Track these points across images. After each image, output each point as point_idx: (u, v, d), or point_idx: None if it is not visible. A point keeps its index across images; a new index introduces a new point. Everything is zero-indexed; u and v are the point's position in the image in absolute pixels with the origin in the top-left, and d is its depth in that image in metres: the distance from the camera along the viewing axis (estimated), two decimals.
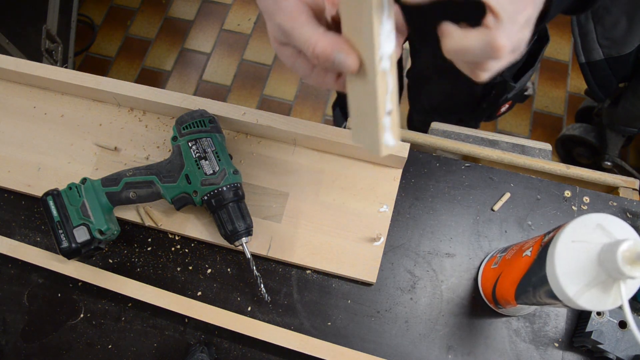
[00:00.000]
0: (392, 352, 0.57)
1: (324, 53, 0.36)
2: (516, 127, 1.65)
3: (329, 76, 0.40)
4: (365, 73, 0.36)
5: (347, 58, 0.36)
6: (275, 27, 0.38)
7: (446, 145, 0.68)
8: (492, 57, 0.34)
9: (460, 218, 0.62)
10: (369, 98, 0.37)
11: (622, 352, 0.52)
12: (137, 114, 0.68)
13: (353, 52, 0.36)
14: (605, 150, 1.36)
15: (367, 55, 0.35)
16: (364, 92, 0.37)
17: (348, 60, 0.36)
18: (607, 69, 1.06)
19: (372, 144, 0.38)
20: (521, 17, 0.34)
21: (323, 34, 0.36)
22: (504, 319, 0.58)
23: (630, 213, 0.62)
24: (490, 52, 0.34)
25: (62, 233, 0.55)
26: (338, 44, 0.36)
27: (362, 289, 0.60)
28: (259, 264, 0.61)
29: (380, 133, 0.37)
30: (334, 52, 0.36)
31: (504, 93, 0.84)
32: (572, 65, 1.71)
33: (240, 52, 1.80)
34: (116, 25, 1.89)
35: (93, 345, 0.60)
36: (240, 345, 0.59)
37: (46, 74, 0.67)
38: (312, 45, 0.36)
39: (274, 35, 0.40)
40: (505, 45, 0.33)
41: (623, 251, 0.35)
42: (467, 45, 0.35)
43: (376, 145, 0.37)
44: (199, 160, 0.57)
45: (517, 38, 0.35)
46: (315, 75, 0.40)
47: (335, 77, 0.40)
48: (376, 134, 0.37)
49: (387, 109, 0.37)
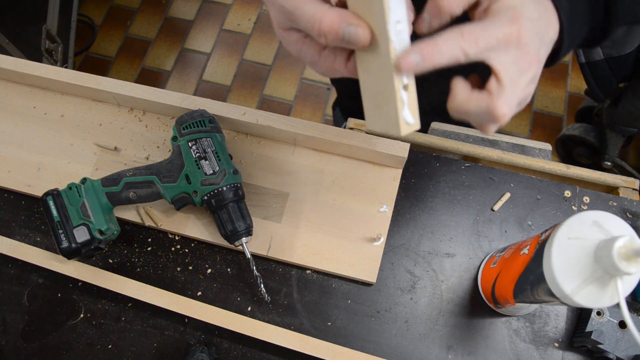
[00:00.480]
0: (392, 352, 0.57)
1: (331, 28, 0.33)
2: (516, 127, 1.65)
3: (339, 59, 0.38)
4: (378, 45, 0.34)
5: (357, 30, 0.33)
6: (278, 12, 0.36)
7: (446, 145, 0.68)
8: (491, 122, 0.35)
9: (460, 218, 0.62)
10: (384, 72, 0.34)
11: (622, 352, 0.52)
12: (137, 114, 0.68)
13: (364, 24, 0.33)
14: (605, 150, 1.36)
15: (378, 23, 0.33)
16: (377, 67, 0.35)
17: (359, 32, 0.33)
18: (607, 69, 1.06)
19: (391, 124, 0.35)
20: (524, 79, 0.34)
21: (329, 9, 0.34)
22: (504, 319, 0.58)
23: (630, 213, 0.62)
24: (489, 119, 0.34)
25: (62, 233, 0.55)
26: (346, 17, 0.33)
27: (362, 289, 0.60)
28: (259, 264, 0.61)
29: (399, 110, 0.34)
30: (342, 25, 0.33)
31: None
32: (572, 65, 1.71)
33: (240, 52, 1.80)
34: (116, 25, 1.89)
35: (93, 345, 0.60)
36: (240, 345, 0.59)
37: (46, 74, 0.67)
38: (318, 22, 0.33)
39: (277, 21, 0.38)
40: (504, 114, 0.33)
41: (619, 247, 0.35)
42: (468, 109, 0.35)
43: (395, 124, 0.35)
44: (199, 160, 0.57)
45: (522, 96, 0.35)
46: (323, 59, 0.38)
47: (345, 60, 0.38)
48: (395, 112, 0.34)
49: (404, 82, 0.34)
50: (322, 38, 0.34)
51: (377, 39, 0.34)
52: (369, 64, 0.36)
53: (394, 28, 0.33)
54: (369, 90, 0.37)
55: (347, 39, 0.34)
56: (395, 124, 0.35)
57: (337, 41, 0.34)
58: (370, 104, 0.38)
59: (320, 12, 0.33)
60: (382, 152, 0.60)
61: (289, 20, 0.36)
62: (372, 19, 0.33)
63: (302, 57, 0.39)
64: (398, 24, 0.33)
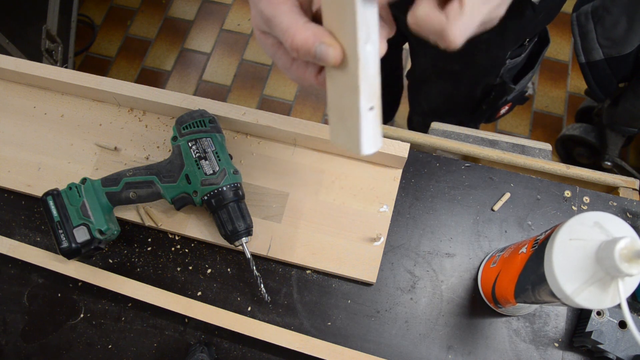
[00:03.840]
0: (392, 352, 0.57)
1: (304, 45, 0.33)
2: (516, 127, 1.65)
3: (310, 71, 0.38)
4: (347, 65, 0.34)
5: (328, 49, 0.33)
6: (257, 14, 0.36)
7: (446, 145, 0.68)
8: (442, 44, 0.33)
9: (460, 218, 0.62)
10: (351, 92, 0.34)
11: (622, 352, 0.52)
12: (137, 114, 0.68)
13: (336, 43, 0.33)
14: (605, 150, 1.36)
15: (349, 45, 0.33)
16: (345, 86, 0.35)
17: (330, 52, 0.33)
18: (607, 69, 1.06)
19: (353, 142, 0.35)
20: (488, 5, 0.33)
21: (303, 25, 0.34)
22: (504, 319, 0.58)
23: (630, 213, 0.62)
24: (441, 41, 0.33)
25: (62, 233, 0.55)
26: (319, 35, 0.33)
27: (362, 289, 0.60)
28: (259, 264, 0.61)
29: (362, 130, 0.34)
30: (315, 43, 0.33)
31: (504, 95, 0.84)
32: (572, 65, 1.71)
33: (240, 52, 1.80)
34: (116, 25, 1.89)
35: (93, 345, 0.60)
36: (240, 345, 0.59)
37: (46, 74, 0.67)
38: (291, 36, 0.33)
39: (256, 23, 0.38)
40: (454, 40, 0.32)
41: (620, 249, 0.35)
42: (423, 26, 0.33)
43: (357, 144, 0.35)
44: (199, 160, 0.57)
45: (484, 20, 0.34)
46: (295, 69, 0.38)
47: (316, 72, 0.38)
48: (358, 132, 0.35)
49: (370, 105, 0.34)
50: (294, 52, 0.34)
51: (348, 58, 0.34)
52: (337, 80, 0.36)
53: (364, 49, 0.33)
54: (335, 105, 0.37)
55: (318, 57, 0.34)
56: (357, 143, 0.35)
57: (309, 57, 0.34)
58: (335, 118, 0.38)
59: (294, 27, 0.34)
60: (382, 152, 0.60)
61: (266, 25, 0.36)
62: (344, 38, 0.33)
63: (275, 61, 0.39)
64: (368, 45, 0.33)
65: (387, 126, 0.68)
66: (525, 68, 0.82)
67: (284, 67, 0.39)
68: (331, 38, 0.33)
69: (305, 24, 0.34)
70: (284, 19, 0.34)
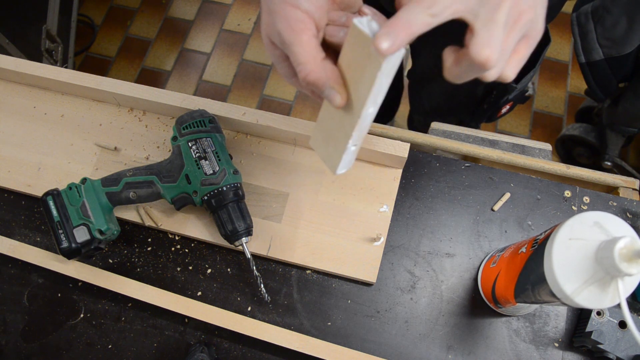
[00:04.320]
0: (392, 352, 0.57)
1: (315, 83, 0.35)
2: (516, 127, 1.65)
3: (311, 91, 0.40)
4: (350, 109, 0.37)
5: (336, 96, 0.36)
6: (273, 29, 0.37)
7: (446, 145, 0.68)
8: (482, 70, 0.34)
9: (460, 218, 0.62)
10: (344, 129, 0.38)
11: (622, 352, 0.52)
12: (137, 114, 0.68)
13: (344, 92, 0.36)
14: (605, 150, 1.36)
15: (356, 100, 0.36)
16: (340, 122, 0.38)
17: (337, 98, 0.36)
18: (607, 69, 1.06)
19: (330, 161, 0.41)
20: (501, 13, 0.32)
21: (320, 63, 0.35)
22: (504, 319, 0.58)
23: (630, 213, 0.62)
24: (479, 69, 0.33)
25: (62, 233, 0.55)
26: (332, 80, 0.35)
27: (362, 289, 0.60)
28: (259, 264, 0.61)
29: (342, 158, 0.40)
30: (326, 85, 0.35)
31: (505, 94, 0.84)
32: (572, 65, 1.71)
33: (240, 52, 1.80)
34: (116, 25, 1.89)
35: (93, 345, 0.60)
36: (240, 345, 0.59)
37: (46, 74, 0.67)
38: (306, 72, 0.35)
39: (267, 32, 0.38)
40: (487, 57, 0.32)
41: (620, 248, 0.35)
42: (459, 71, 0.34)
43: (332, 166, 0.41)
44: (199, 160, 0.57)
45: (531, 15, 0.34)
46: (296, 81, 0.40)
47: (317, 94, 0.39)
48: (338, 158, 0.40)
49: (355, 145, 0.39)
50: (303, 83, 0.36)
51: (351, 106, 0.37)
52: (334, 114, 0.39)
53: (367, 111, 0.36)
54: (324, 127, 0.42)
55: (324, 95, 0.36)
56: (333, 165, 0.41)
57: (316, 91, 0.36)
58: (320, 134, 0.42)
59: (311, 64, 0.35)
60: (382, 152, 0.60)
61: (281, 45, 0.37)
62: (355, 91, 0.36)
63: (278, 69, 0.41)
64: (372, 108, 0.36)
65: (387, 126, 0.68)
66: (526, 67, 0.82)
67: (285, 76, 0.40)
68: (341, 86, 0.36)
69: (321, 62, 0.35)
70: (302, 52, 0.35)
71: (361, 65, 0.34)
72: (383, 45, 0.30)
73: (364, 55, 0.33)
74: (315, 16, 0.36)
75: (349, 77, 0.36)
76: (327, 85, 0.35)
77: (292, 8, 0.35)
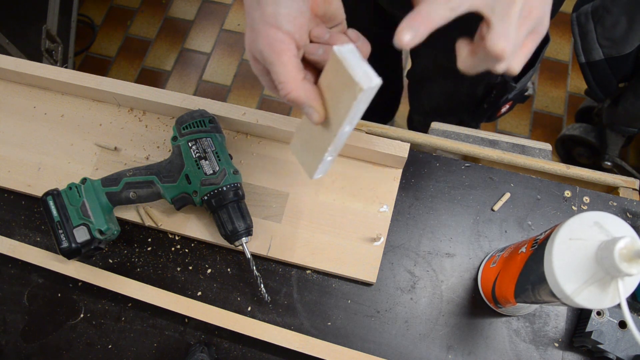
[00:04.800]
0: (392, 352, 0.57)
1: (296, 100, 0.37)
2: (516, 127, 1.65)
3: None
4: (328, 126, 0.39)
5: (314, 114, 0.38)
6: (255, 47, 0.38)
7: (446, 145, 0.68)
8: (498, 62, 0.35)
9: (460, 218, 0.62)
10: (321, 142, 0.40)
11: (622, 352, 0.52)
12: (137, 114, 0.68)
13: (322, 110, 0.38)
14: (605, 150, 1.36)
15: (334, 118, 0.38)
16: (319, 135, 0.41)
17: (315, 116, 0.38)
18: (607, 69, 1.06)
19: (307, 167, 0.44)
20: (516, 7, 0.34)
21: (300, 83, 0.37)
22: (504, 319, 0.58)
23: (630, 213, 0.62)
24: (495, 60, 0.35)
25: (62, 233, 0.55)
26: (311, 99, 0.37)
27: (362, 289, 0.60)
28: (259, 264, 0.61)
29: (317, 167, 0.42)
30: (305, 104, 0.37)
31: (505, 93, 0.84)
32: (572, 65, 1.71)
33: (240, 52, 1.80)
34: (116, 25, 1.89)
35: (93, 345, 0.60)
36: (240, 345, 0.59)
37: (46, 74, 0.67)
38: (286, 91, 0.37)
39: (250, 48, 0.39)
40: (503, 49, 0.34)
41: (620, 248, 0.35)
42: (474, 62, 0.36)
43: (310, 171, 0.44)
44: (199, 160, 0.57)
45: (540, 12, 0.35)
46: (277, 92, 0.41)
47: None
48: (314, 166, 0.43)
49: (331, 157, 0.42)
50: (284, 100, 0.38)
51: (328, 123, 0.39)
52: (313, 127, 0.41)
53: (343, 130, 0.38)
54: (304, 135, 0.44)
55: (303, 112, 0.38)
56: (310, 171, 0.44)
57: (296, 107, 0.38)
58: (300, 140, 0.45)
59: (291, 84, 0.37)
60: (382, 152, 0.60)
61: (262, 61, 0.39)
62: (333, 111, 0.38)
63: (261, 81, 0.42)
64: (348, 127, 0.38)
65: (387, 126, 0.68)
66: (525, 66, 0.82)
67: (268, 88, 0.42)
68: (320, 105, 0.38)
69: (301, 83, 0.37)
70: (283, 71, 0.37)
71: (339, 90, 0.36)
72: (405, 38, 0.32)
73: (341, 83, 0.35)
74: (296, 36, 0.37)
75: (327, 98, 0.38)
76: (307, 103, 0.37)
77: (273, 29, 0.36)
